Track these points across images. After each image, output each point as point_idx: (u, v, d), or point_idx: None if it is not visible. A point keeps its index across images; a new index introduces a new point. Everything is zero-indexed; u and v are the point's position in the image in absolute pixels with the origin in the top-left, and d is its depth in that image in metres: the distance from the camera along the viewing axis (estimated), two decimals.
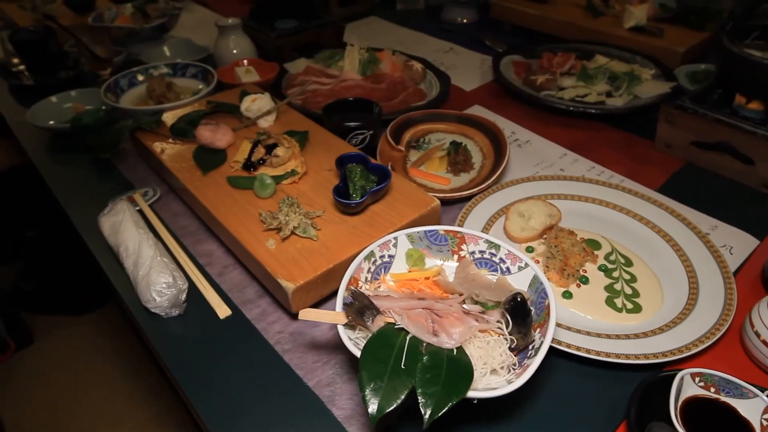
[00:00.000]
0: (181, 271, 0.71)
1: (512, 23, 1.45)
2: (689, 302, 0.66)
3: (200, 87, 1.12)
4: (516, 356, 0.53)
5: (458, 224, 0.77)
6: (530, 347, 0.53)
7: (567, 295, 0.68)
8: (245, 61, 1.20)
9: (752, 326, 0.59)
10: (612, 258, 0.73)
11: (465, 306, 0.55)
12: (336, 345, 0.63)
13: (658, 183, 0.88)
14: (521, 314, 0.53)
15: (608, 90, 1.08)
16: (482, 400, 0.48)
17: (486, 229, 0.77)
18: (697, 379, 0.53)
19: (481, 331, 0.53)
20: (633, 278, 0.70)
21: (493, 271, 0.63)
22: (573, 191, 0.84)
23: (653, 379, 0.55)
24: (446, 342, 0.51)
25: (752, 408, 0.51)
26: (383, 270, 0.64)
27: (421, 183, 0.86)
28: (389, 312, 0.54)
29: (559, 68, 1.13)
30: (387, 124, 0.94)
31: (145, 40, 1.39)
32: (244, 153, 0.83)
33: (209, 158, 0.84)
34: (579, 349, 0.58)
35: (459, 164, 0.90)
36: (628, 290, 0.68)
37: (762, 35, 0.90)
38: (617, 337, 0.61)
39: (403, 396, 0.46)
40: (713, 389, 0.53)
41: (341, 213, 0.73)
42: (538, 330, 0.54)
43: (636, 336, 0.61)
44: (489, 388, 0.49)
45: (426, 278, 0.62)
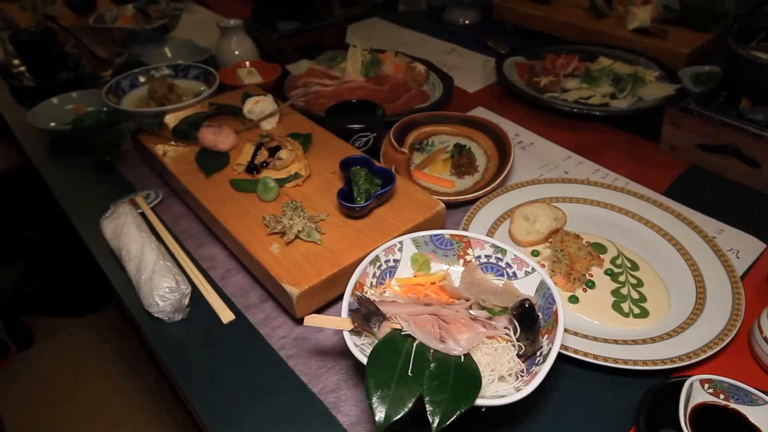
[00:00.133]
0: (184, 275, 0.70)
1: (514, 24, 1.45)
2: (696, 307, 0.65)
3: (202, 88, 1.11)
4: (524, 363, 0.53)
5: (463, 228, 0.76)
6: (538, 354, 0.52)
7: (573, 300, 0.67)
8: (247, 63, 1.20)
9: (761, 332, 0.59)
10: (618, 262, 0.72)
11: (472, 312, 0.55)
12: (341, 350, 0.63)
13: (664, 186, 0.88)
14: (529, 320, 0.52)
15: (612, 92, 1.07)
16: (490, 408, 0.47)
17: (491, 233, 0.76)
18: (707, 386, 0.53)
19: (489, 338, 0.52)
20: (639, 282, 0.69)
21: (500, 276, 0.63)
22: (578, 194, 0.83)
23: (662, 386, 0.55)
24: (454, 349, 0.50)
25: (762, 415, 0.50)
26: (388, 274, 0.63)
27: (425, 186, 0.86)
28: (395, 318, 0.53)
29: (563, 70, 1.12)
30: (390, 126, 0.94)
31: (147, 41, 1.39)
32: (247, 156, 0.82)
33: (212, 161, 0.83)
34: (587, 355, 0.58)
35: (463, 167, 0.89)
36: (635, 295, 0.68)
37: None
38: (624, 343, 0.60)
39: (411, 404, 0.46)
40: (722, 396, 0.52)
41: (345, 217, 0.72)
42: (546, 336, 0.53)
43: (643, 341, 0.61)
44: (497, 396, 0.48)
45: (432, 283, 0.62)
